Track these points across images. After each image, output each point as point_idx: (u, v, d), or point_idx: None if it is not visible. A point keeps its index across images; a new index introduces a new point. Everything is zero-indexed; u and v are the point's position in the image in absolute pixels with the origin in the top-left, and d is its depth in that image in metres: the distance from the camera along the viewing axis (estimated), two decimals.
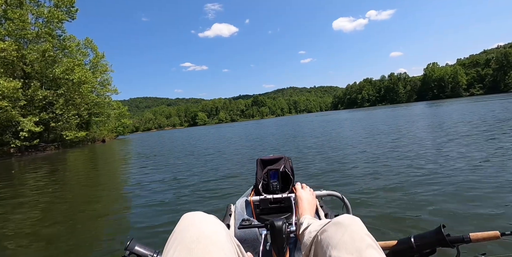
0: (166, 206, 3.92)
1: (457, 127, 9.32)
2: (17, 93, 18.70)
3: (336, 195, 1.42)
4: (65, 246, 2.85)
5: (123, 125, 47.09)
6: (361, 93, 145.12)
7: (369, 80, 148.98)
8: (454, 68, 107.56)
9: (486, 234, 0.79)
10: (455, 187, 3.36)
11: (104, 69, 37.66)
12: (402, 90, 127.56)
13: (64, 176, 8.50)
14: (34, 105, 23.60)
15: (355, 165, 5.29)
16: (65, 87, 25.73)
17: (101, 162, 12.36)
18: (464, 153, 5.20)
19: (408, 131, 10.11)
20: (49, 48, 23.08)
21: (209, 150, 11.41)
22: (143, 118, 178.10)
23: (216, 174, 5.92)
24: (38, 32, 23.79)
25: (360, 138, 9.79)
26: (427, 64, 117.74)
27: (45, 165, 12.30)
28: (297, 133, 15.86)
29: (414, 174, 4.15)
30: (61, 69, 24.19)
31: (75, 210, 4.33)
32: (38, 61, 23.24)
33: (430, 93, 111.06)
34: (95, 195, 5.40)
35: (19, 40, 22.86)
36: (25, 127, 20.47)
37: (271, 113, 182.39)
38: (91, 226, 3.48)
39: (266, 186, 1.45)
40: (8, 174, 10.00)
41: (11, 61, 20.99)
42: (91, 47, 36.76)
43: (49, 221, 3.80)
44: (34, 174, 9.26)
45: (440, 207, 2.81)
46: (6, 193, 6.08)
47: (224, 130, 34.67)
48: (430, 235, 0.83)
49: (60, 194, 5.60)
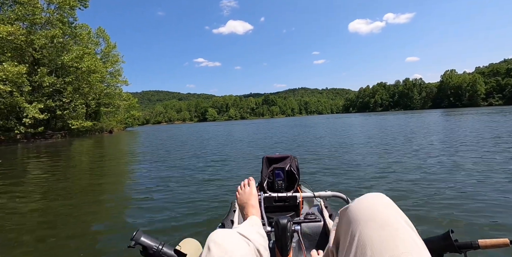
0: (170, 200, 3.81)
1: (482, 140, 8.26)
2: (22, 78, 18.22)
3: (340, 196, 1.38)
4: (62, 240, 2.70)
5: (132, 117, 46.71)
6: (374, 97, 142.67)
7: (383, 84, 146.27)
8: (473, 76, 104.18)
9: (495, 241, 0.78)
10: (465, 193, 3.32)
11: (115, 59, 37.31)
12: (417, 96, 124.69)
13: (58, 166, 8.15)
14: (41, 92, 23.25)
15: (363, 168, 5.18)
16: (73, 76, 25.32)
17: (103, 152, 11.98)
18: (477, 163, 5.05)
19: (425, 139, 9.30)
20: (58, 34, 22.59)
21: (216, 146, 11.04)
22: (154, 111, 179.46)
23: (222, 170, 5.82)
24: (49, 18, 23.42)
25: (372, 142, 9.38)
26: (445, 71, 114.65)
27: (43, 154, 11.94)
28: (309, 133, 14.98)
29: (423, 179, 4.10)
30: (70, 57, 23.74)
31: (72, 199, 4.21)
32: (47, 47, 22.79)
33: (446, 101, 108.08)
34: (90, 185, 5.28)
35: (29, 25, 22.46)
36: (29, 113, 20.07)
37: (281, 113, 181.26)
38: (89, 218, 3.37)
39: (271, 184, 1.46)
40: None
41: (20, 46, 20.62)
42: (103, 36, 36.49)
43: (41, 210, 3.70)
44: (26, 163, 8.87)
45: (449, 212, 2.77)
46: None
47: (235, 128, 33.94)
48: (438, 240, 0.81)
49: (52, 184, 5.35)
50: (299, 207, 1.30)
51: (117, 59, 37.78)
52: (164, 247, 0.84)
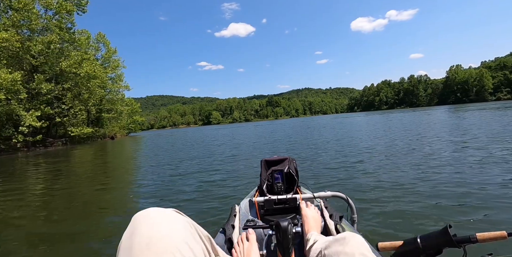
0: (167, 205, 3.56)
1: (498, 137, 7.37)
2: (17, 85, 17.78)
3: (340, 196, 1.40)
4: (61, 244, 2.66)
5: (135, 122, 46.36)
6: (378, 95, 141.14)
7: (388, 82, 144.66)
8: (480, 71, 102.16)
9: (493, 234, 0.79)
10: (463, 188, 3.27)
11: (116, 64, 36.96)
12: (423, 93, 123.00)
13: (54, 175, 7.93)
14: (39, 99, 22.84)
15: (363, 167, 5.01)
16: (72, 82, 24.91)
17: (98, 160, 11.53)
18: (481, 158, 4.79)
19: (433, 137, 8.59)
20: (55, 39, 22.19)
21: (217, 150, 10.64)
22: (158, 116, 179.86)
23: (224, 173, 5.63)
24: (47, 24, 23.04)
25: (375, 141, 8.95)
26: (450, 67, 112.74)
27: (31, 166, 11.48)
28: (314, 135, 14.28)
29: (422, 177, 3.99)
30: (68, 63, 23.33)
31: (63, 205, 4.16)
32: (44, 54, 22.40)
33: (452, 97, 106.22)
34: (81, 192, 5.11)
35: (24, 32, 22.10)
36: (25, 121, 19.63)
37: (286, 114, 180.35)
38: (86, 222, 3.31)
39: (270, 187, 1.45)
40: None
41: (16, 53, 20.24)
42: (104, 42, 36.18)
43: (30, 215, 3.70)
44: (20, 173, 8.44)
45: (447, 207, 2.76)
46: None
47: (239, 130, 33.28)
48: (436, 236, 0.83)
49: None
50: (299, 209, 1.29)
51: (117, 64, 37.43)
52: None
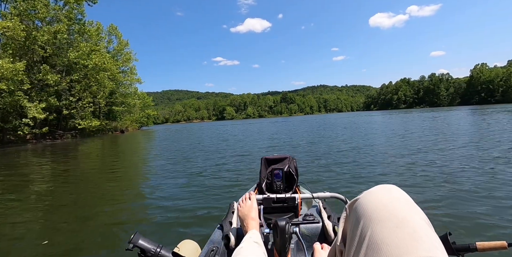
0: (167, 201, 3.70)
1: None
2: (19, 75, 17.23)
3: (339, 197, 1.38)
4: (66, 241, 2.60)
5: (147, 116, 46.03)
6: (397, 94, 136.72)
7: (407, 80, 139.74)
8: (507, 70, 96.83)
9: (493, 243, 0.78)
10: (465, 195, 3.14)
11: (127, 57, 36.43)
12: (444, 92, 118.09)
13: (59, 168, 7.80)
14: (47, 91, 22.43)
15: (368, 170, 4.79)
16: (80, 73, 24.40)
17: (104, 154, 11.28)
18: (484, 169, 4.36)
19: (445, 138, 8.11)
20: (62, 29, 21.61)
21: (223, 147, 10.36)
22: (173, 110, 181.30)
23: (223, 171, 5.50)
24: (55, 14, 22.52)
25: (385, 143, 8.48)
26: (475, 65, 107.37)
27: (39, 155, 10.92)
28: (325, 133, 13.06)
29: (425, 181, 3.79)
30: (76, 54, 22.77)
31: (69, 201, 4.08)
32: (50, 44, 21.88)
33: (476, 97, 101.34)
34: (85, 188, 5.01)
35: (35, 23, 21.67)
36: (29, 113, 19.16)
37: (300, 111, 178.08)
38: (86, 220, 3.18)
39: (269, 185, 1.45)
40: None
41: (23, 43, 19.77)
42: (116, 34, 35.69)
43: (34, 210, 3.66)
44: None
45: (448, 214, 2.66)
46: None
47: (251, 127, 32.18)
48: None
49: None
50: (297, 208, 1.30)
51: (129, 57, 36.88)
52: (162, 249, 0.85)
